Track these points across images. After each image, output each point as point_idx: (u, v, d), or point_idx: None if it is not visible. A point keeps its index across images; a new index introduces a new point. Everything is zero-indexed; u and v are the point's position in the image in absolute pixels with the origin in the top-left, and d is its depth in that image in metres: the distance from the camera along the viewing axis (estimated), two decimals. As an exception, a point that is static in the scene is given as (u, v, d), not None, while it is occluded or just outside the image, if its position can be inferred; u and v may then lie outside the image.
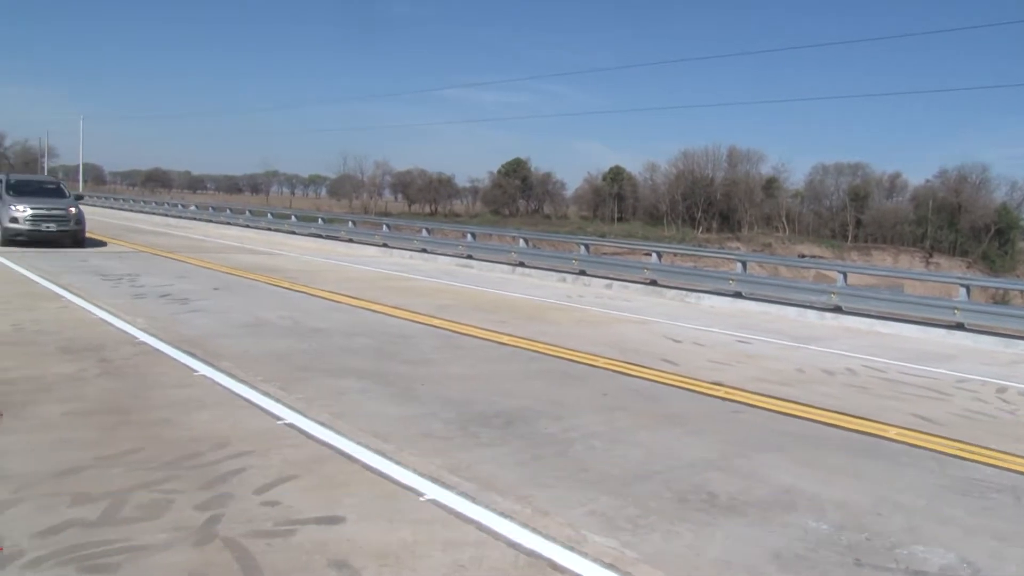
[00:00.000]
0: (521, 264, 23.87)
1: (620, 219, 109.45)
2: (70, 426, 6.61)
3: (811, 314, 16.73)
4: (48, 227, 23.27)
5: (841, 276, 17.06)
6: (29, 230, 22.99)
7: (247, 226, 37.59)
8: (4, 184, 24.43)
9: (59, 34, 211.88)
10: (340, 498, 5.27)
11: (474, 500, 5.37)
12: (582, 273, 21.97)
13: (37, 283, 15.41)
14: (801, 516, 5.49)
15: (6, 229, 22.81)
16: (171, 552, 4.41)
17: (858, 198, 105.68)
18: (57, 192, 25.90)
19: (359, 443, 6.40)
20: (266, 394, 7.79)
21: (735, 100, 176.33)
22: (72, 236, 23.93)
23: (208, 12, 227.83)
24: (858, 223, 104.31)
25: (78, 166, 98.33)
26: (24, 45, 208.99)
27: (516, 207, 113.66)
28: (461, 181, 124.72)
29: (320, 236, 32.73)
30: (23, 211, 23.00)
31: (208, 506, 5.04)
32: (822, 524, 5.36)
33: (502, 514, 5.16)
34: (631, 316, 15.46)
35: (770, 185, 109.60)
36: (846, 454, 7.06)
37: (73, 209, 24.22)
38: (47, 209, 23.48)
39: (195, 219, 43.03)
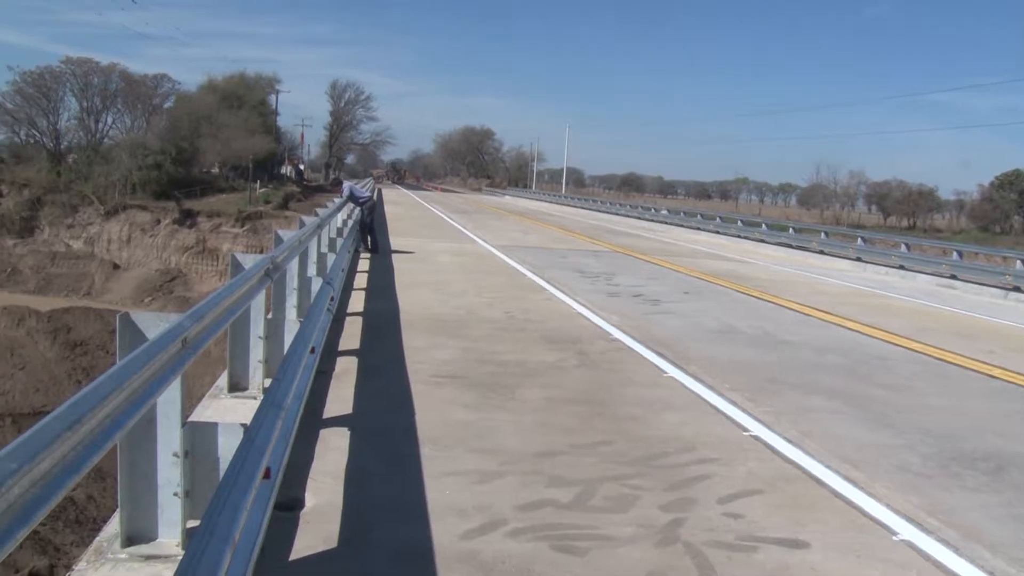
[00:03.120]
0: (1016, 289, 21.35)
1: None
2: (550, 411, 7.09)
3: None
4: None
5: None
6: None
7: (716, 232, 37.93)
8: None
9: (550, 51, 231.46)
10: (805, 522, 5.04)
11: (957, 551, 4.83)
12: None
13: (525, 276, 16.86)
14: None
15: None
16: (634, 547, 4.51)
17: None
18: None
19: (828, 466, 6.09)
20: (733, 403, 7.72)
21: None
22: None
23: (679, 27, 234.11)
24: None
25: (562, 170, 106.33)
26: (521, 62, 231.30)
27: (1010, 224, 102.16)
28: (945, 194, 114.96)
29: (790, 246, 32.04)
30: None
31: (671, 508, 5.08)
32: None
33: (991, 574, 4.58)
34: None
35: None
36: None
37: None
38: None
39: (665, 223, 44.31)
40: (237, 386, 6.37)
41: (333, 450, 5.75)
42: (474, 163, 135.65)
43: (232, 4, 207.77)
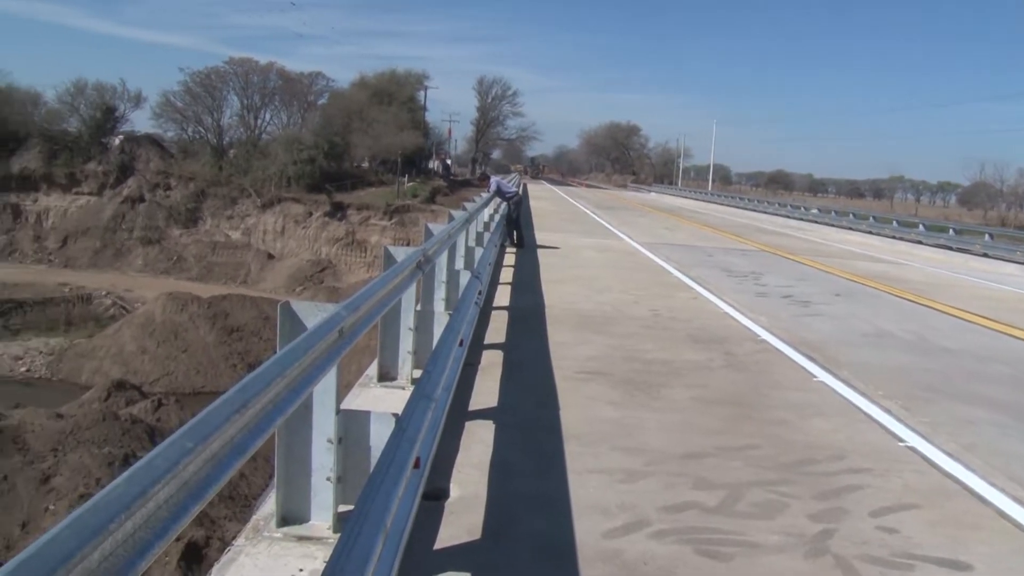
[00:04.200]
0: None
1: None
2: (696, 411, 6.98)
3: None
4: None
5: None
6: None
7: (869, 232, 36.51)
8: None
9: (698, 46, 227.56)
10: (968, 542, 4.78)
11: None
12: None
13: (671, 273, 16.66)
14: None
15: None
16: (781, 556, 4.39)
17: None
18: None
19: (992, 484, 5.75)
20: (887, 411, 7.41)
21: None
22: None
23: (831, 18, 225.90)
24: None
25: (708, 166, 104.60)
26: (669, 58, 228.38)
27: None
28: None
29: (949, 248, 30.53)
30: None
31: (821, 518, 4.92)
32: None
33: None
34: None
35: None
36: None
37: None
38: None
39: (815, 222, 42.95)
40: (386, 376, 6.54)
41: (478, 442, 5.82)
42: (619, 159, 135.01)
43: (384, 3, 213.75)
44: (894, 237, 34.42)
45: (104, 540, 1.58)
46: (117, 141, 65.14)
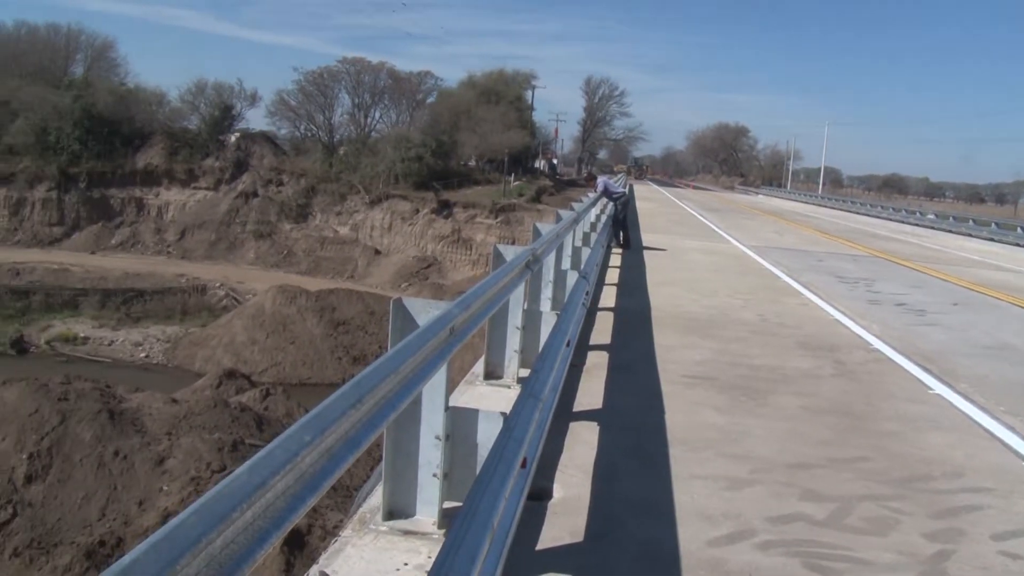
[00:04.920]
0: None
1: None
2: (804, 420, 6.82)
3: None
4: None
5: None
6: None
7: (990, 239, 35.07)
8: None
9: (808, 45, 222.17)
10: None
11: None
12: None
13: (779, 278, 16.31)
14: None
15: None
16: (893, 575, 4.25)
17: None
18: None
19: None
20: (1010, 428, 7.07)
21: None
22: None
23: (950, 14, 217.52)
24: None
25: (819, 169, 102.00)
26: (782, 58, 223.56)
27: None
28: None
29: (1080, 258, 29.10)
30: None
31: (937, 538, 4.73)
32: None
33: None
34: None
35: None
36: None
37: None
38: None
39: (931, 228, 41.48)
40: (492, 374, 6.57)
41: (582, 443, 5.81)
42: (727, 160, 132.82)
43: (492, 3, 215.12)
44: (1018, 245, 32.97)
45: (227, 527, 1.63)
46: (233, 138, 67.31)
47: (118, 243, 61.11)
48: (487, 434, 3.83)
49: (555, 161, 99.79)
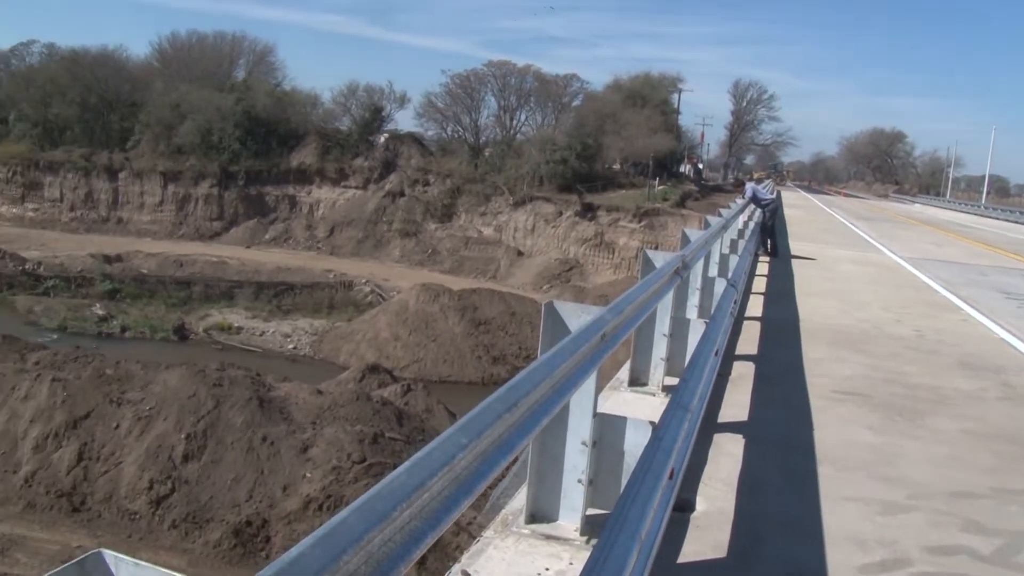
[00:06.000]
0: None
1: None
2: (966, 445, 6.44)
3: None
4: None
5: None
6: None
7: None
8: None
9: (972, 44, 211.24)
10: None
11: None
12: None
13: (937, 292, 15.54)
14: None
15: None
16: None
17: None
18: None
19: None
20: None
21: None
22: None
23: None
24: None
25: (982, 177, 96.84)
26: (943, 59, 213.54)
27: None
28: None
29: None
30: None
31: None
32: None
33: None
34: None
35: None
36: None
37: None
38: None
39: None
40: (637, 381, 6.49)
41: (726, 455, 5.66)
42: (880, 167, 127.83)
43: (639, 6, 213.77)
44: None
45: (386, 526, 1.64)
46: (382, 139, 69.20)
47: (271, 238, 63.88)
48: (634, 442, 3.77)
49: (700, 166, 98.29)
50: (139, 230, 64.16)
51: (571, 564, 3.77)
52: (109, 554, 1.49)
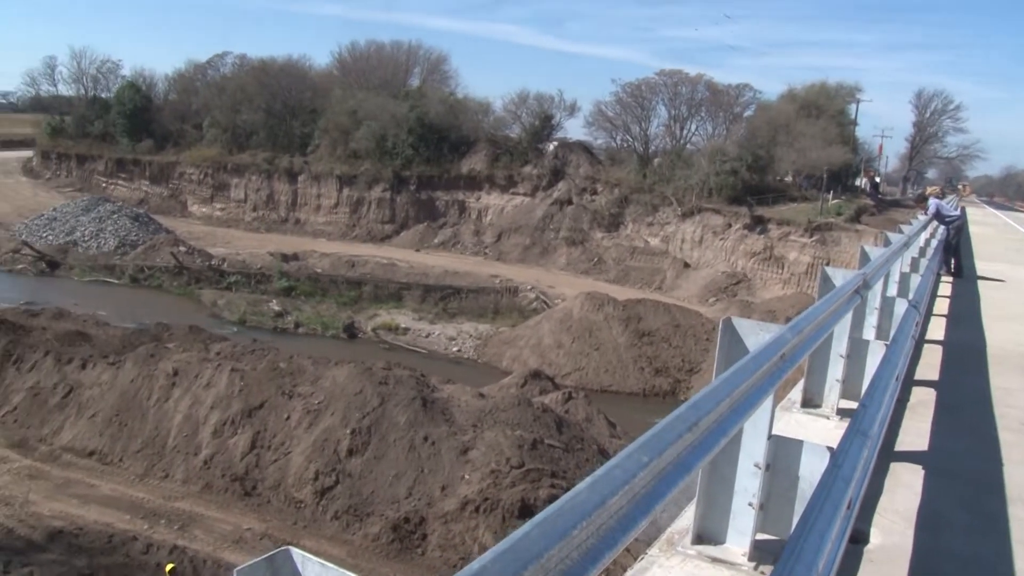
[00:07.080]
0: None
1: None
2: None
3: None
4: None
5: None
6: None
7: None
8: None
9: None
10: None
11: None
12: None
13: None
14: None
15: None
16: None
17: None
18: None
19: None
20: None
21: None
22: None
23: None
24: None
25: None
26: None
27: None
28: None
29: None
30: None
31: None
32: None
33: None
34: None
35: None
36: None
37: None
38: None
39: None
40: (810, 402, 6.27)
41: (903, 487, 5.39)
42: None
43: (815, 14, 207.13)
44: None
45: (566, 543, 1.63)
46: (551, 147, 69.79)
47: (440, 242, 65.56)
48: (810, 468, 3.63)
49: (877, 179, 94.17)
50: (315, 231, 67.45)
51: (741, 591, 3.68)
52: (297, 553, 1.55)
